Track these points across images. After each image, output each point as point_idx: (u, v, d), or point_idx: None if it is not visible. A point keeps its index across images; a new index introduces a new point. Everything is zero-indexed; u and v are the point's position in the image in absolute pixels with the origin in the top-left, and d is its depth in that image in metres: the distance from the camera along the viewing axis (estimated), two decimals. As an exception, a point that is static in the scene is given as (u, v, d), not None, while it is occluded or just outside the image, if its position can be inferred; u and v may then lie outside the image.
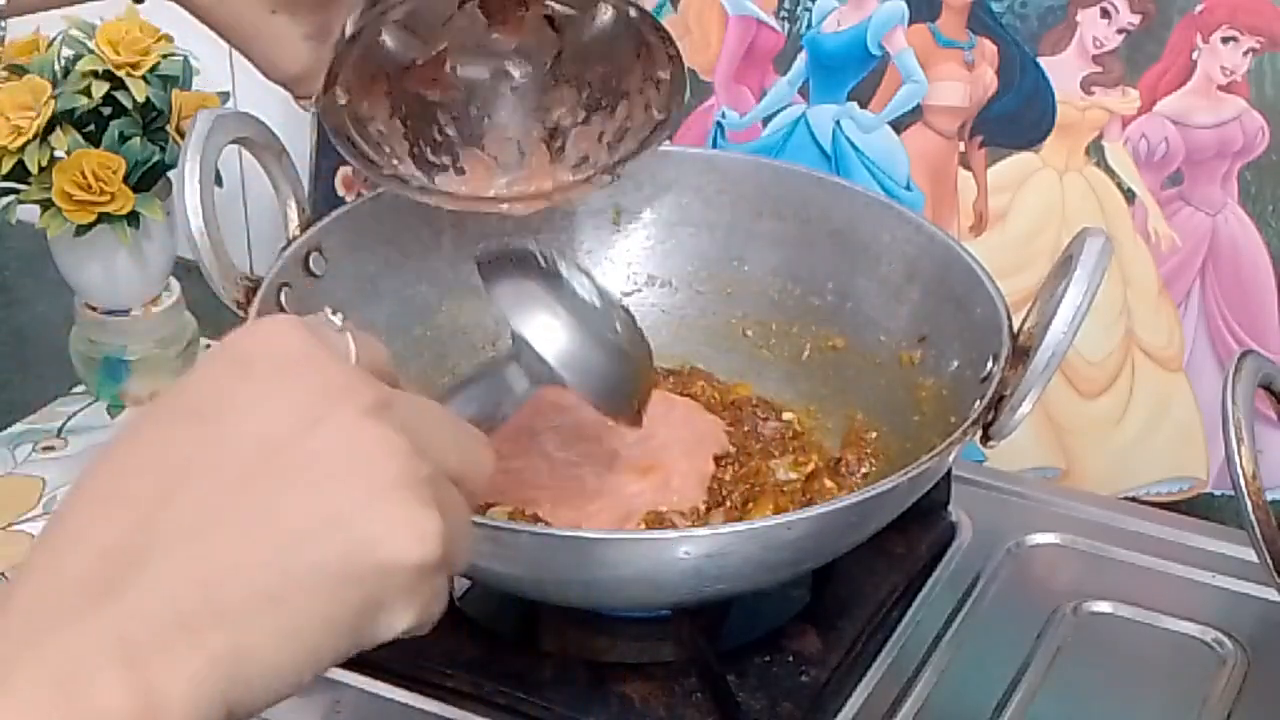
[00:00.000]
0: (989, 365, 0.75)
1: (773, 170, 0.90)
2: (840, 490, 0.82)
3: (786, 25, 0.97)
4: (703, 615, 0.77)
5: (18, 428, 1.04)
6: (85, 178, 0.96)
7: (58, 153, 0.98)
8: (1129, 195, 0.92)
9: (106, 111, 1.00)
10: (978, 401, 0.74)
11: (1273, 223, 0.89)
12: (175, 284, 1.06)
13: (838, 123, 0.97)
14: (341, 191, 1.10)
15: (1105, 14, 0.90)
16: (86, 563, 0.43)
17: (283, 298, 0.80)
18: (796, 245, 0.89)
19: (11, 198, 1.00)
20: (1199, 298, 0.91)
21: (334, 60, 0.74)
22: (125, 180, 0.97)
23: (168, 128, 1.01)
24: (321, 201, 1.09)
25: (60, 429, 1.04)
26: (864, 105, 0.96)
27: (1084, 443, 0.95)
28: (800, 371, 0.90)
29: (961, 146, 0.95)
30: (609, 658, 0.77)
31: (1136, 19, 0.89)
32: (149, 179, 1.01)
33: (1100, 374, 0.94)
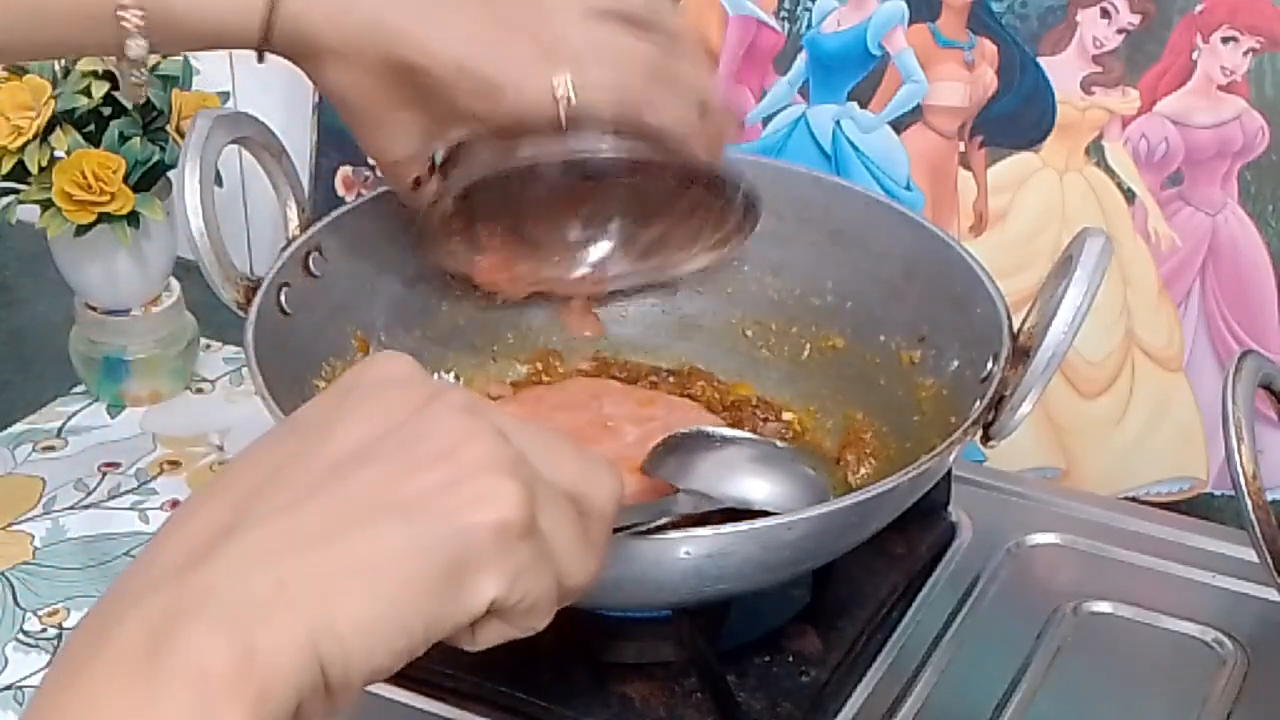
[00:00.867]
0: (989, 365, 0.75)
1: (772, 170, 0.90)
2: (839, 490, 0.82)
3: (786, 25, 0.97)
4: (703, 615, 0.77)
5: (18, 428, 1.04)
6: (85, 178, 0.96)
7: (58, 153, 0.98)
8: (1129, 195, 0.92)
9: (106, 111, 1.00)
10: (978, 401, 0.74)
11: (1273, 223, 0.89)
12: (175, 284, 1.06)
13: (838, 123, 0.97)
14: (341, 191, 1.10)
15: (1105, 14, 0.90)
16: (184, 541, 0.46)
17: (282, 298, 0.80)
18: (796, 245, 0.89)
19: (11, 198, 1.00)
20: (1199, 298, 0.91)
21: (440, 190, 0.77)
22: (125, 180, 0.97)
23: (168, 128, 1.01)
24: (322, 201, 1.09)
25: (60, 429, 1.04)
26: (864, 105, 0.96)
27: (1084, 443, 0.95)
28: (800, 371, 0.90)
29: (961, 146, 0.95)
30: (609, 658, 0.77)
31: (1136, 19, 0.89)
32: (149, 179, 1.01)
33: (1100, 374, 0.94)
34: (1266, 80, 0.87)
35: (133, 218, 0.99)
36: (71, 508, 0.97)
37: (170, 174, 1.02)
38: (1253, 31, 0.87)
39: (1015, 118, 0.93)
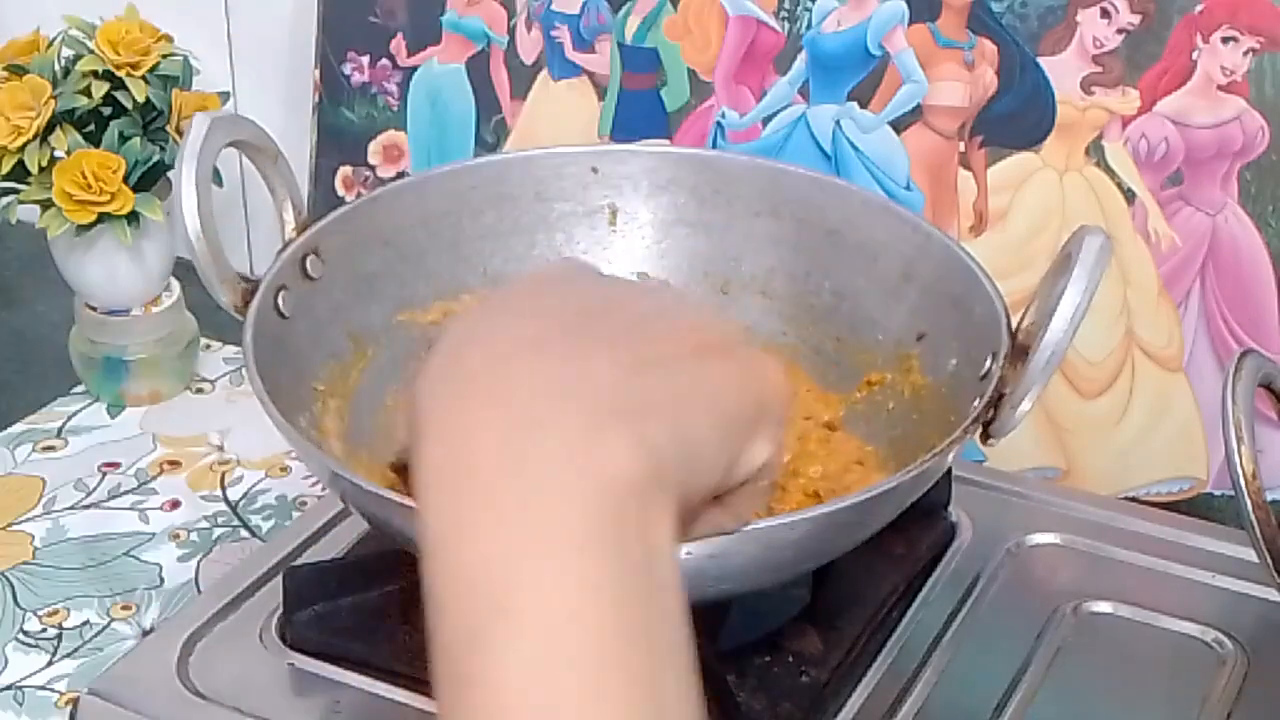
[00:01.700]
0: (988, 364, 0.75)
1: (769, 170, 0.90)
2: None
3: (786, 25, 0.97)
4: (703, 615, 0.76)
5: (18, 428, 1.04)
6: (85, 178, 0.96)
7: (58, 153, 0.98)
8: (1129, 195, 0.92)
9: (106, 111, 1.01)
10: (977, 400, 0.74)
11: (1273, 223, 0.89)
12: (175, 284, 1.07)
13: (838, 123, 0.97)
14: (342, 192, 1.10)
15: (1105, 14, 0.90)
16: (533, 362, 0.45)
17: (280, 300, 0.79)
18: (793, 245, 0.88)
19: (11, 198, 1.01)
20: (1199, 298, 0.91)
21: None
22: (125, 180, 0.98)
23: (168, 128, 1.01)
24: (322, 202, 1.09)
25: (60, 429, 1.04)
26: (864, 105, 0.96)
27: (1084, 443, 0.95)
28: (798, 371, 0.90)
29: (961, 146, 0.95)
30: (608, 658, 0.77)
31: (1136, 19, 0.89)
32: (149, 179, 1.01)
33: (1100, 374, 0.94)
34: (1266, 80, 0.87)
35: (133, 218, 0.99)
36: (71, 508, 0.97)
37: (170, 174, 1.02)
38: (1253, 31, 0.87)
39: (1015, 118, 0.93)
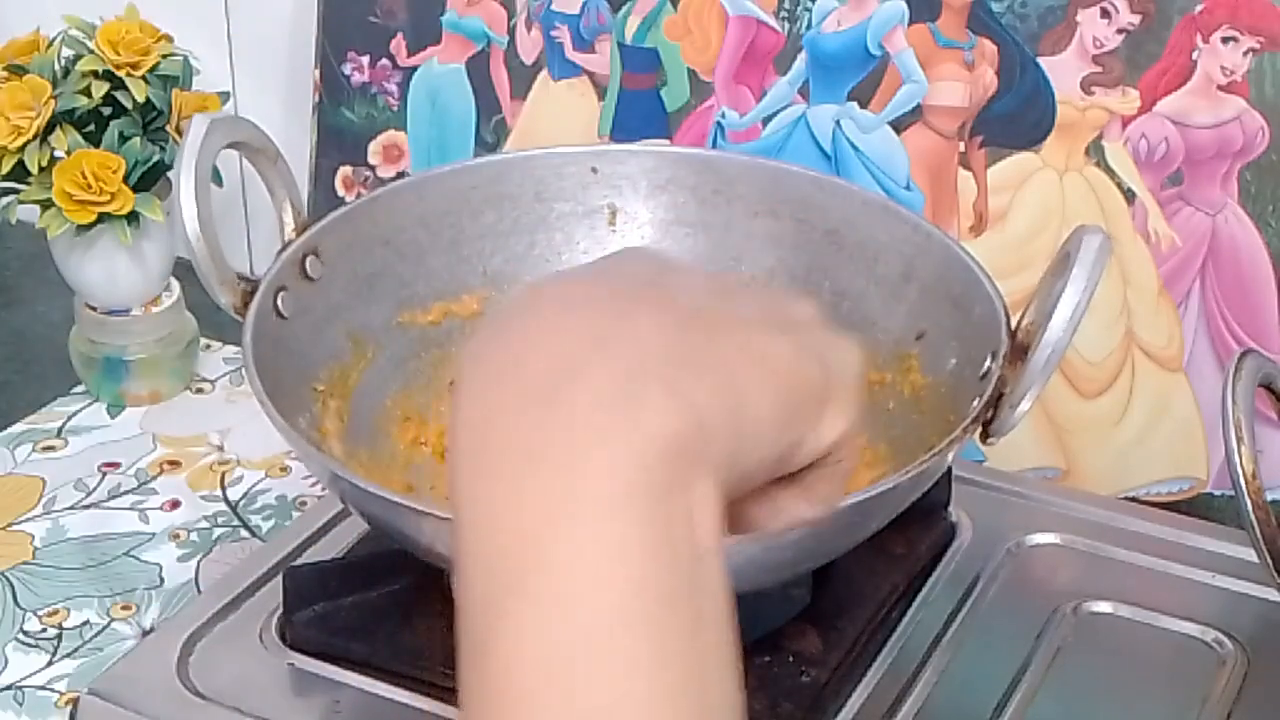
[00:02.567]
0: (987, 363, 0.75)
1: (769, 170, 0.90)
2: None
3: (786, 25, 0.97)
4: (702, 615, 0.77)
5: (18, 428, 1.04)
6: (85, 178, 0.96)
7: (58, 153, 0.98)
8: (1129, 195, 0.92)
9: (106, 111, 1.01)
10: (977, 400, 0.74)
11: (1273, 223, 0.89)
12: (175, 284, 1.07)
13: (838, 123, 0.97)
14: (342, 192, 1.10)
15: (1105, 14, 0.90)
16: (577, 320, 0.45)
17: (279, 301, 0.79)
18: (793, 245, 0.88)
19: (11, 198, 1.01)
20: (1199, 298, 0.91)
21: None
22: (125, 180, 0.98)
23: (168, 128, 1.01)
24: (322, 202, 1.09)
25: (60, 429, 1.04)
26: (864, 105, 0.96)
27: (1084, 443, 0.95)
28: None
29: (961, 146, 0.95)
30: (608, 658, 0.77)
31: (1136, 19, 0.89)
32: (149, 179, 1.01)
33: (1100, 374, 0.94)
34: (1266, 80, 0.87)
35: (133, 218, 0.99)
36: (71, 508, 0.97)
37: (170, 174, 1.02)
38: (1253, 31, 0.87)
39: (1015, 118, 0.93)
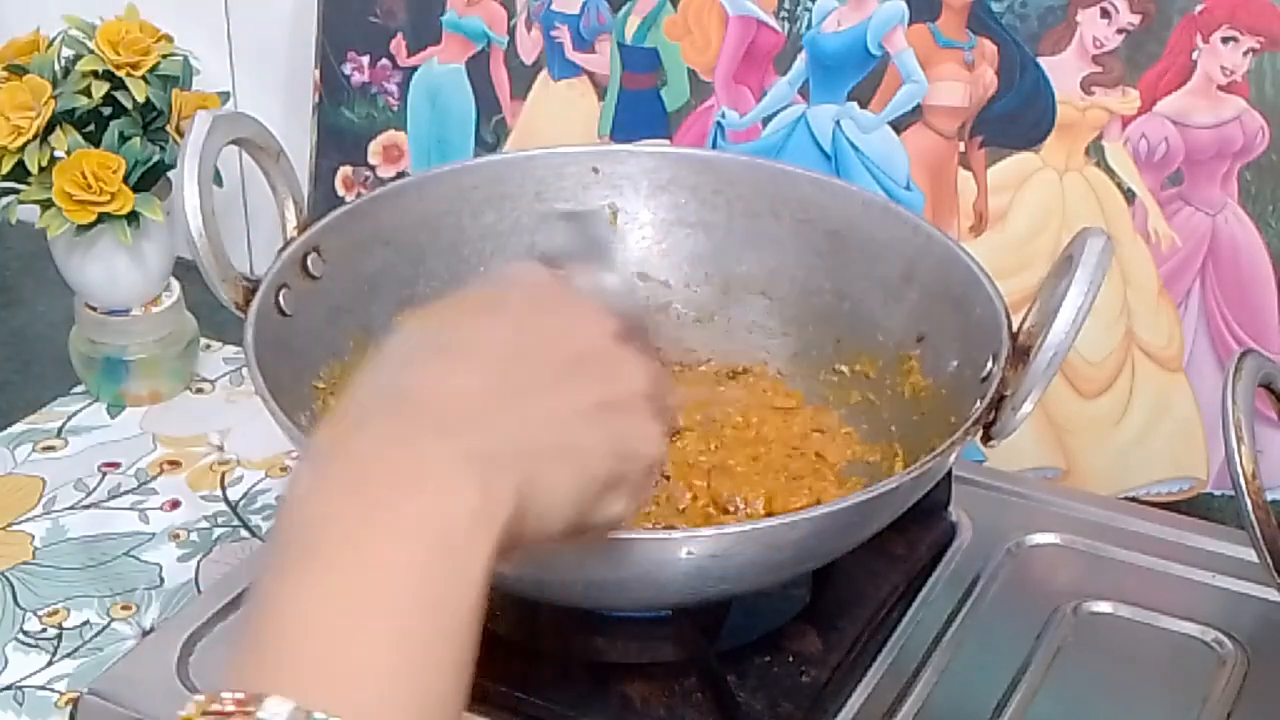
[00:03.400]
0: (989, 365, 0.75)
1: (769, 170, 0.90)
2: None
3: (786, 25, 0.97)
4: (703, 615, 0.77)
5: (18, 428, 1.04)
6: (85, 178, 0.96)
7: (58, 153, 0.98)
8: (1129, 195, 0.92)
9: (106, 111, 1.01)
10: (978, 401, 0.74)
11: (1273, 223, 0.89)
12: (175, 284, 1.07)
13: (838, 123, 0.97)
14: (342, 191, 1.10)
15: (1105, 14, 0.90)
16: (441, 400, 0.53)
17: (281, 299, 0.80)
18: (793, 245, 0.88)
19: (11, 198, 1.01)
20: (1199, 298, 0.91)
21: None
22: (125, 180, 0.97)
23: (168, 128, 1.01)
24: (322, 201, 1.09)
25: (60, 429, 1.04)
26: (864, 105, 0.96)
27: (1084, 443, 0.95)
28: (797, 371, 0.90)
29: (961, 146, 0.95)
30: (609, 658, 0.77)
31: (1136, 19, 0.89)
32: (149, 179, 1.01)
33: (1100, 374, 0.94)
34: (1266, 80, 0.87)
35: (133, 218, 0.99)
36: (71, 508, 0.97)
37: (170, 174, 1.02)
38: (1253, 31, 0.87)
39: (1015, 118, 0.93)
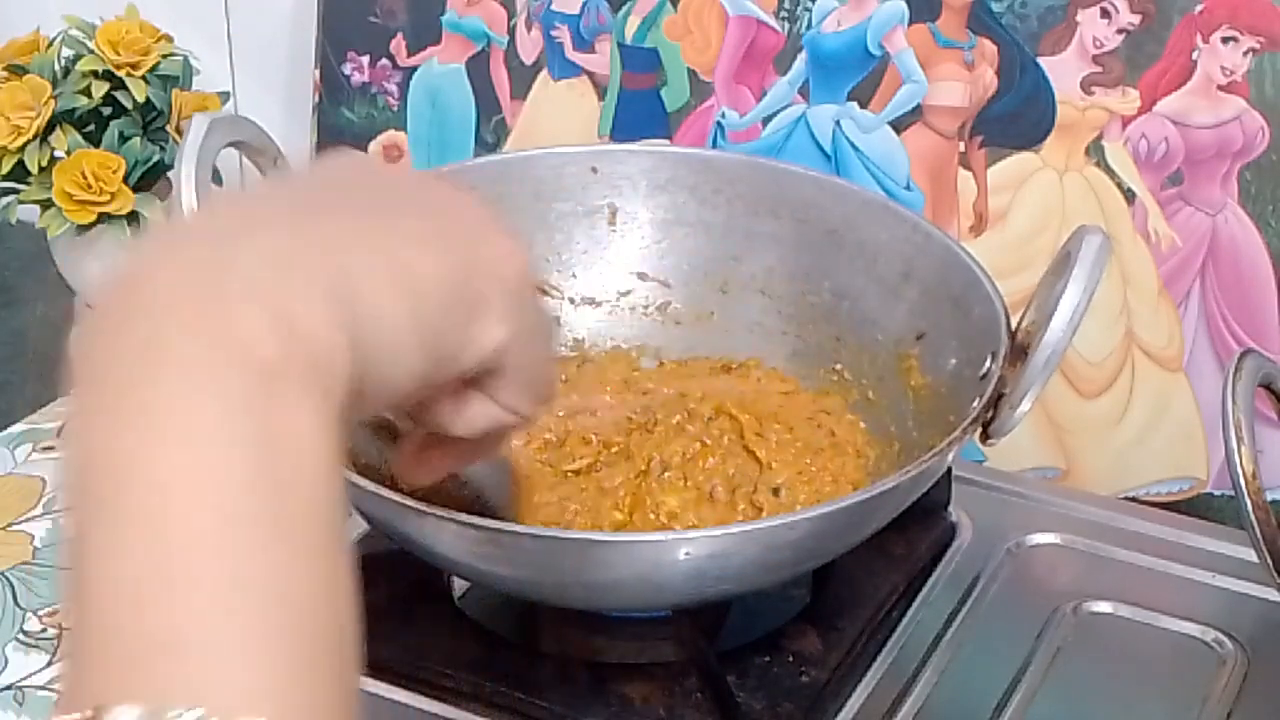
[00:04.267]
0: (987, 363, 0.75)
1: (769, 170, 0.90)
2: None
3: (786, 25, 0.97)
4: (703, 615, 0.77)
5: (18, 428, 1.04)
6: (85, 178, 0.96)
7: (58, 153, 0.98)
8: (1129, 195, 0.92)
9: (106, 111, 1.01)
10: (977, 400, 0.74)
11: (1273, 223, 0.89)
12: (175, 284, 1.06)
13: (838, 123, 0.97)
14: (341, 192, 1.10)
15: (1105, 14, 0.90)
16: (201, 244, 0.43)
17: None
18: (793, 244, 0.88)
19: (11, 198, 1.01)
20: (1199, 298, 0.91)
21: None
22: (125, 180, 0.98)
23: (168, 128, 1.01)
24: (321, 202, 1.09)
25: (60, 429, 1.04)
26: (864, 105, 0.96)
27: (1084, 443, 0.95)
28: (797, 371, 0.90)
29: (961, 146, 0.95)
30: (609, 658, 0.77)
31: (1136, 19, 0.89)
32: (149, 179, 1.01)
33: (1100, 374, 0.94)
34: (1266, 80, 0.87)
35: (133, 217, 0.99)
36: (71, 508, 0.97)
37: (170, 174, 1.02)
38: (1253, 31, 0.87)
39: (1015, 118, 0.93)
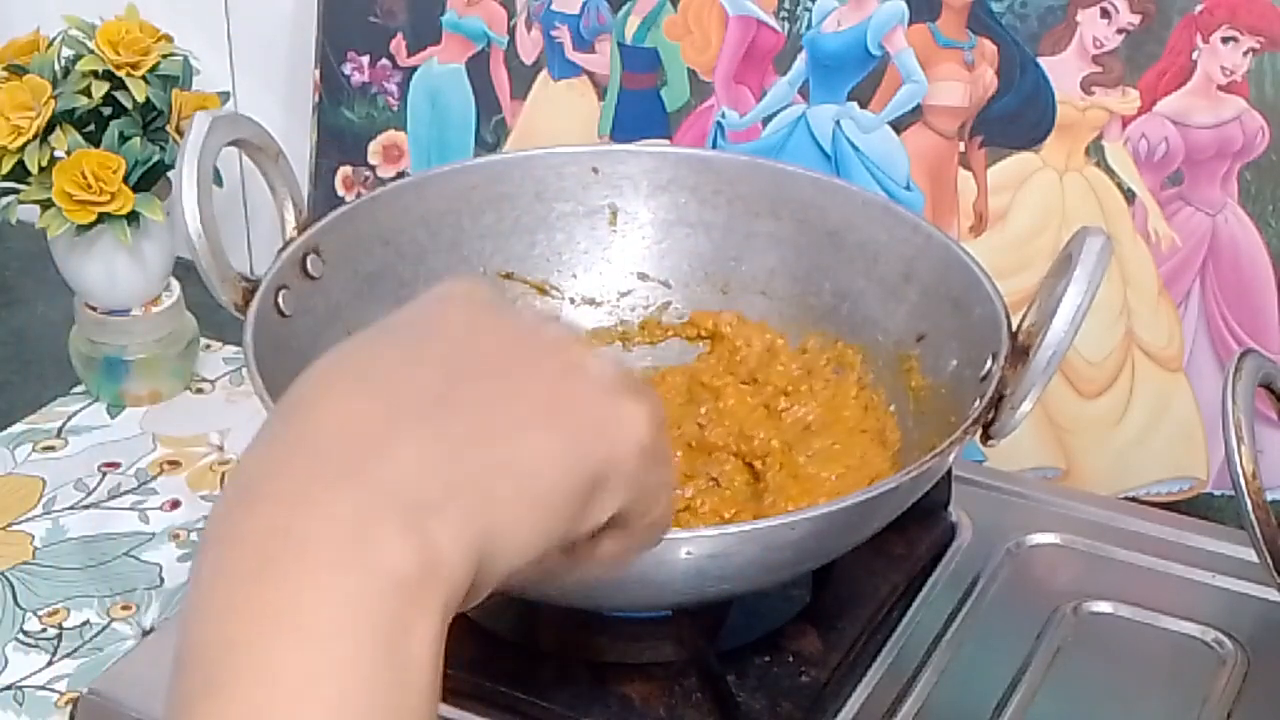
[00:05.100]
0: (988, 364, 0.75)
1: (769, 170, 0.90)
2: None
3: (786, 25, 0.97)
4: (703, 615, 0.77)
5: (18, 428, 1.04)
6: (85, 178, 0.96)
7: (58, 153, 0.98)
8: (1129, 195, 0.92)
9: (106, 111, 1.01)
10: (977, 401, 0.74)
11: (1273, 223, 0.89)
12: (175, 284, 1.07)
13: (838, 123, 0.97)
14: (342, 192, 1.10)
15: (1105, 14, 0.90)
16: (337, 436, 0.44)
17: (280, 299, 0.80)
18: (793, 245, 0.88)
19: (11, 198, 1.01)
20: (1199, 298, 0.91)
21: None
22: (125, 180, 0.98)
23: (168, 128, 1.01)
24: (322, 202, 1.09)
25: (60, 429, 1.04)
26: (864, 105, 0.96)
27: (1084, 443, 0.95)
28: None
29: (961, 146, 0.95)
30: (609, 658, 0.77)
31: (1136, 19, 0.89)
32: (149, 179, 1.01)
33: (1100, 374, 0.94)
34: (1266, 80, 0.87)
35: (133, 218, 0.99)
36: (71, 508, 0.97)
37: (170, 174, 1.02)
38: (1253, 31, 0.87)
39: (1015, 118, 0.93)
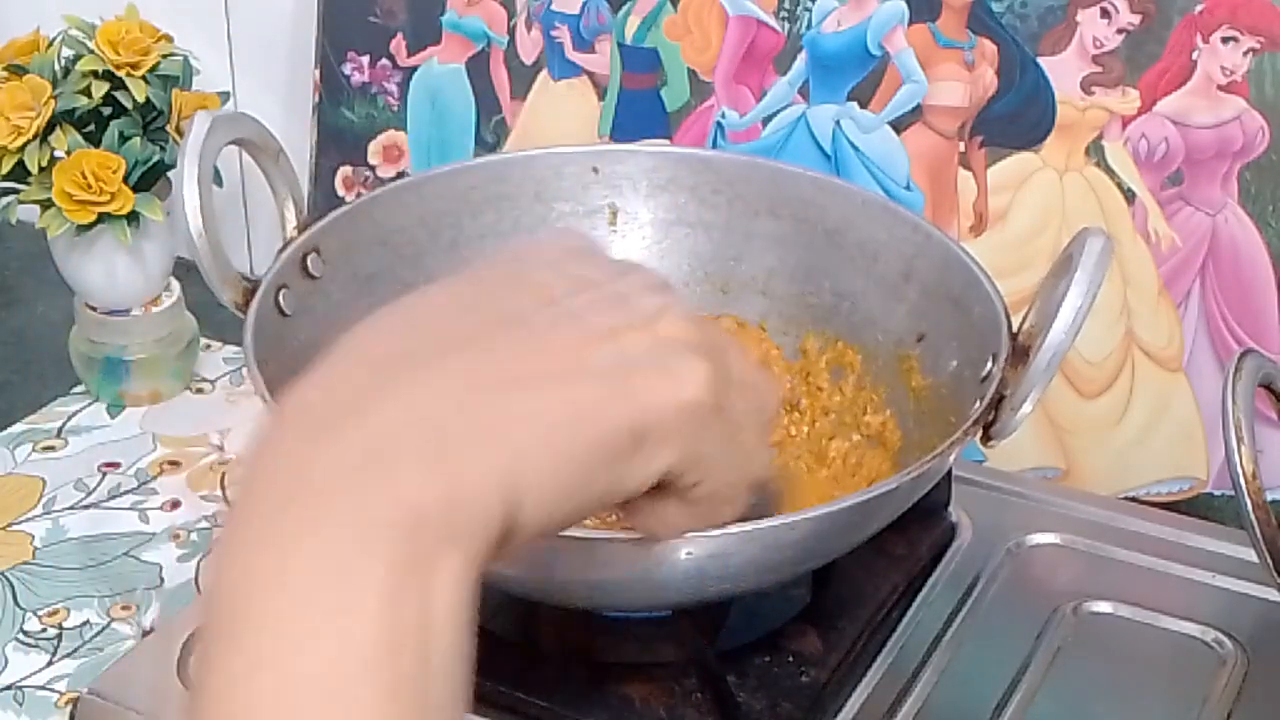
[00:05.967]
0: (988, 365, 0.75)
1: (769, 170, 0.90)
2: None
3: (786, 25, 0.97)
4: (703, 615, 0.77)
5: (18, 428, 1.04)
6: (85, 178, 0.96)
7: (58, 153, 0.98)
8: (1129, 195, 0.92)
9: (106, 111, 1.01)
10: (978, 401, 0.74)
11: (1273, 223, 0.89)
12: (175, 284, 1.07)
13: (838, 123, 0.97)
14: (342, 191, 1.10)
15: (1105, 14, 0.90)
16: (360, 370, 0.44)
17: (281, 299, 0.80)
18: (793, 245, 0.88)
19: (11, 198, 1.01)
20: (1199, 298, 0.91)
21: None
22: (125, 180, 0.98)
23: (168, 128, 1.01)
24: (322, 201, 1.09)
25: (60, 429, 1.04)
26: (864, 105, 0.96)
27: (1084, 443, 0.95)
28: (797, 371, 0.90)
29: (961, 146, 0.95)
30: (609, 658, 0.77)
31: (1136, 19, 0.89)
32: (149, 179, 1.01)
33: (1100, 374, 0.94)
34: (1266, 80, 0.87)
35: (133, 218, 0.99)
36: (71, 508, 0.97)
37: (170, 174, 1.02)
38: (1253, 31, 0.87)
39: (1015, 118, 0.93)
